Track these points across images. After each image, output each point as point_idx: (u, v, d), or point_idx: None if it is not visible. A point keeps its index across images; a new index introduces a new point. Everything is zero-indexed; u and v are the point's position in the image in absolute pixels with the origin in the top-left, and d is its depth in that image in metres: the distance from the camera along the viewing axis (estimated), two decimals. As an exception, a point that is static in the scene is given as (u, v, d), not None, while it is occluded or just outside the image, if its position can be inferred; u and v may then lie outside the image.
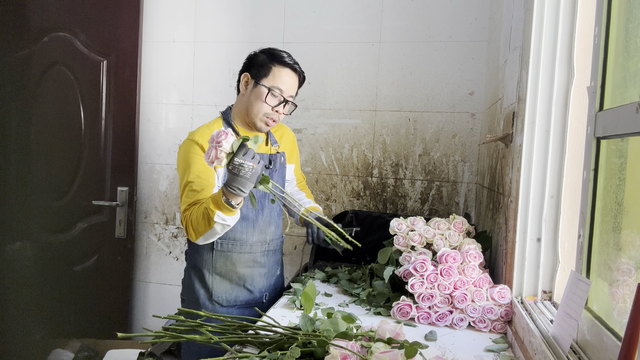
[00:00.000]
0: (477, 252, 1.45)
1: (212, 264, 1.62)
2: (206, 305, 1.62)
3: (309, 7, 2.39)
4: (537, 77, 1.28)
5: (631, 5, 0.91)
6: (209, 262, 1.62)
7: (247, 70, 1.60)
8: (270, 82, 1.55)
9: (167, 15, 2.55)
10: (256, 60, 1.60)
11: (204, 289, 1.63)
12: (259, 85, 1.56)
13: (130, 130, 2.52)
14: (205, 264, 1.63)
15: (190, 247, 1.67)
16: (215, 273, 1.63)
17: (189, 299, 1.66)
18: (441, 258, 1.42)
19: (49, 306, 2.60)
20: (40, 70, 2.55)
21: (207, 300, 1.63)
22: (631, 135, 0.84)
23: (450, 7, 2.24)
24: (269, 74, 1.56)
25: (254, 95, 1.57)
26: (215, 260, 1.62)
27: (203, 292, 1.63)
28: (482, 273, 1.41)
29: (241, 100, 1.62)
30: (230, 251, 1.62)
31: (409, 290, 1.39)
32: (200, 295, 1.63)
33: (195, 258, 1.65)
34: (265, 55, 1.60)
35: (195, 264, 1.65)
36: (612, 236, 0.93)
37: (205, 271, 1.63)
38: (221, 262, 1.62)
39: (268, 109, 1.56)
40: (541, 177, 1.28)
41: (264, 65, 1.57)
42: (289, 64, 1.58)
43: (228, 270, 1.63)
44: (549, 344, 1.01)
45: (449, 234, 1.55)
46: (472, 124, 2.26)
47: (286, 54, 1.60)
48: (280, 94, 1.56)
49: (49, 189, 2.58)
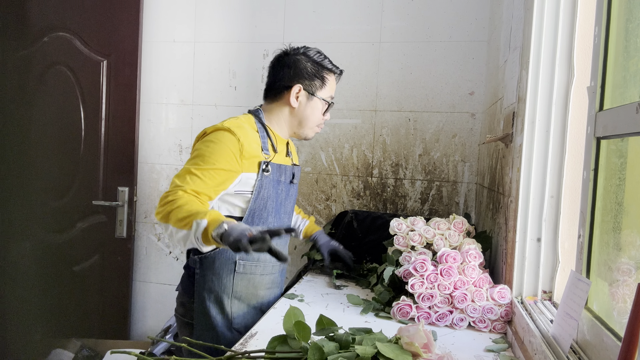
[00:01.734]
0: (477, 252, 1.45)
1: (232, 288, 1.46)
2: (225, 334, 1.45)
3: (309, 7, 2.39)
4: (537, 77, 1.28)
5: (631, 5, 0.91)
6: (229, 286, 1.46)
7: (299, 82, 1.51)
8: (327, 93, 1.54)
9: (167, 15, 2.55)
10: (306, 70, 1.51)
11: (222, 315, 1.46)
12: (315, 98, 1.52)
13: (130, 130, 2.52)
14: (224, 289, 1.46)
15: (204, 268, 1.47)
16: (234, 297, 1.47)
17: (204, 325, 1.47)
18: (441, 258, 1.42)
19: (49, 306, 2.60)
20: (40, 70, 2.55)
21: (226, 329, 1.46)
22: (631, 135, 0.84)
23: (450, 7, 2.24)
24: (324, 85, 1.53)
25: (310, 109, 1.52)
26: (236, 283, 1.46)
27: (221, 319, 1.46)
28: (482, 273, 1.41)
29: (287, 111, 1.53)
30: (252, 273, 1.48)
31: (409, 290, 1.39)
32: (218, 323, 1.46)
33: (211, 281, 1.46)
34: (309, 61, 1.52)
35: (211, 287, 1.46)
36: (612, 236, 0.93)
37: (224, 296, 1.46)
38: (242, 286, 1.47)
39: (321, 120, 1.56)
40: (541, 177, 1.28)
41: (317, 76, 1.52)
42: (336, 71, 1.56)
43: (249, 294, 1.49)
44: (549, 344, 1.01)
45: (449, 234, 1.55)
46: (472, 124, 2.26)
47: (324, 56, 1.56)
48: (332, 101, 1.57)
49: (49, 189, 2.58)
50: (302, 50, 1.55)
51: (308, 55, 1.53)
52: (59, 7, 2.51)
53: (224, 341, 1.43)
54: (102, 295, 2.56)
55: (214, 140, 1.37)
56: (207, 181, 1.33)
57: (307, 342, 0.95)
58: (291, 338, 0.97)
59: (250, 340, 1.23)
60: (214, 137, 1.38)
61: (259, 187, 1.44)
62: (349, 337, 0.97)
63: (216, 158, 1.34)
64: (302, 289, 1.70)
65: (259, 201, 1.45)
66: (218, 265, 1.46)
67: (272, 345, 0.99)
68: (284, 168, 1.53)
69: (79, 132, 2.53)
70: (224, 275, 1.46)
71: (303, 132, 1.56)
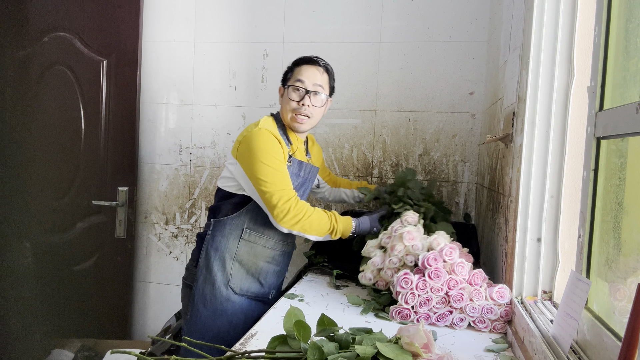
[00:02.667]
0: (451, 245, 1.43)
1: (235, 251, 1.65)
2: (221, 289, 1.65)
3: (309, 7, 2.39)
4: (537, 77, 1.28)
5: (631, 5, 0.91)
6: (233, 249, 1.65)
7: (281, 83, 1.75)
8: (292, 80, 1.68)
9: (167, 15, 2.55)
10: (285, 71, 1.73)
11: (222, 272, 1.65)
12: (285, 88, 1.70)
13: (130, 130, 2.52)
14: (228, 250, 1.65)
15: (216, 230, 1.67)
16: (236, 260, 1.66)
17: (205, 278, 1.66)
18: (423, 264, 1.41)
19: (49, 306, 2.60)
20: (40, 70, 2.55)
21: (222, 285, 1.65)
22: (631, 135, 0.84)
23: (450, 7, 2.24)
24: (291, 76, 1.69)
25: (284, 99, 1.69)
26: (239, 248, 1.66)
27: (220, 276, 1.65)
28: (475, 269, 1.41)
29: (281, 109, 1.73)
30: (255, 243, 1.67)
31: (403, 305, 1.39)
32: (217, 278, 1.65)
33: (219, 241, 1.66)
34: (291, 64, 1.73)
35: (218, 247, 1.66)
36: (612, 236, 0.93)
37: (227, 256, 1.65)
38: (244, 251, 1.66)
39: (294, 105, 1.65)
40: (541, 177, 1.28)
41: (289, 71, 1.71)
42: (306, 59, 1.68)
43: (249, 261, 1.67)
44: (549, 344, 1.01)
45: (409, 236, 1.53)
46: (472, 124, 2.26)
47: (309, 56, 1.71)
48: (302, 85, 1.64)
49: (49, 189, 2.58)
50: None
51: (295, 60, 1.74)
52: (59, 7, 2.51)
53: (219, 295, 1.64)
54: (102, 295, 2.56)
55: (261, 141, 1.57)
56: (282, 170, 1.57)
57: (307, 342, 0.95)
58: (291, 338, 0.96)
59: (250, 340, 1.23)
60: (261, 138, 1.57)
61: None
62: (349, 337, 0.97)
63: (274, 153, 1.56)
64: (302, 289, 1.70)
65: None
66: (228, 229, 1.66)
67: (272, 345, 0.98)
68: (304, 165, 1.71)
69: (79, 132, 2.53)
70: (231, 238, 1.66)
71: (286, 122, 1.70)
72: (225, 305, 1.64)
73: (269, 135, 1.58)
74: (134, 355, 0.90)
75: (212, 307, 1.63)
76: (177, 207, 2.61)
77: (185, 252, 2.62)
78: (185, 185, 2.59)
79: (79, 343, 2.44)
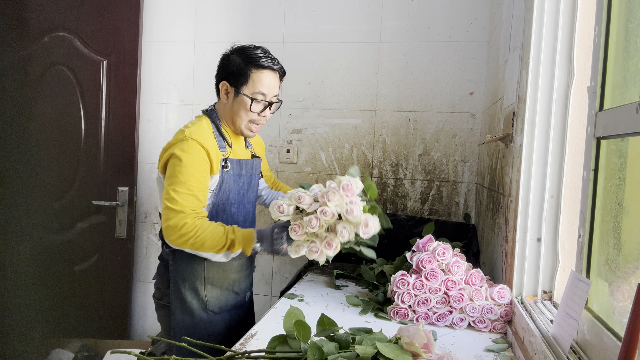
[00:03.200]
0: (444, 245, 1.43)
1: (204, 275, 1.55)
2: (201, 315, 1.55)
3: (309, 7, 2.39)
4: (537, 77, 1.28)
5: (631, 5, 0.91)
6: (201, 273, 1.54)
7: (225, 79, 1.53)
8: (251, 89, 1.50)
9: (167, 15, 2.55)
10: (232, 66, 1.52)
11: (197, 300, 1.55)
12: (240, 94, 1.50)
13: (130, 130, 2.52)
14: (196, 275, 1.54)
15: (176, 258, 1.55)
16: (207, 283, 1.56)
17: (182, 309, 1.56)
18: (417, 266, 1.41)
19: (49, 306, 2.60)
20: (40, 70, 2.55)
21: (202, 310, 1.56)
22: (631, 135, 0.84)
23: (450, 7, 2.24)
24: (248, 80, 1.50)
25: (237, 104, 1.52)
26: (207, 270, 1.55)
27: (196, 304, 1.55)
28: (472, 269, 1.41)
29: (224, 108, 1.56)
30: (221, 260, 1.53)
31: (400, 304, 1.39)
32: (194, 306, 1.55)
33: (183, 269, 1.55)
34: (239, 58, 1.52)
35: (184, 276, 1.55)
36: (612, 236, 0.93)
37: (198, 283, 1.55)
38: (213, 272, 1.56)
39: (254, 116, 1.53)
40: (541, 177, 1.28)
41: (241, 72, 1.50)
42: (266, 65, 1.50)
43: (220, 278, 1.58)
44: (549, 344, 1.01)
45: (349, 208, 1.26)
46: (472, 124, 2.26)
47: (261, 52, 1.52)
48: (264, 98, 1.51)
49: (49, 189, 2.58)
50: (238, 48, 1.56)
51: (242, 52, 1.53)
52: (59, 7, 2.51)
53: (200, 322, 1.56)
54: (102, 295, 2.56)
55: (183, 152, 1.42)
56: (197, 194, 1.41)
57: (307, 342, 0.95)
58: (291, 338, 0.96)
59: (250, 340, 1.23)
60: (183, 149, 1.42)
61: (220, 183, 1.51)
62: (349, 337, 0.97)
63: (193, 170, 1.41)
64: (302, 289, 1.70)
65: (221, 195, 1.52)
66: (188, 255, 1.50)
67: (272, 345, 0.98)
68: (244, 162, 1.58)
69: (79, 132, 2.53)
70: (195, 264, 1.54)
71: (237, 128, 1.56)
72: (209, 329, 1.56)
73: (195, 147, 1.42)
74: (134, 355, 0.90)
75: (198, 334, 1.54)
76: (177, 207, 2.61)
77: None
78: (185, 185, 2.59)
79: (79, 343, 2.44)
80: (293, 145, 2.44)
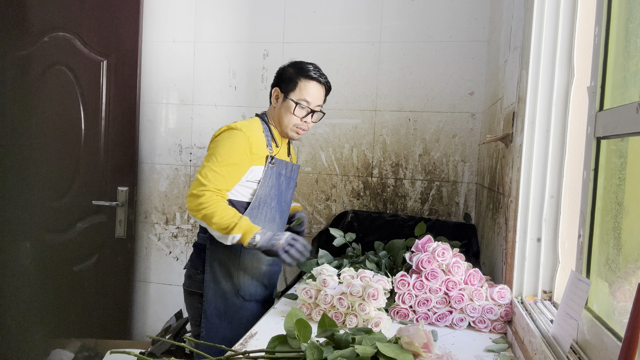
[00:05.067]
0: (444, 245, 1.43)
1: (239, 261, 1.68)
2: (233, 299, 1.68)
3: (309, 7, 2.39)
4: (537, 77, 1.28)
5: (631, 5, 0.91)
6: (236, 259, 1.67)
7: (277, 85, 1.72)
8: (297, 95, 1.67)
9: (167, 15, 2.55)
10: (285, 75, 1.71)
11: (230, 283, 1.68)
12: (287, 99, 1.68)
13: (130, 130, 2.52)
14: (232, 261, 1.67)
15: (213, 243, 1.65)
16: (241, 269, 1.68)
17: (215, 292, 1.68)
18: (417, 266, 1.41)
19: (49, 306, 2.60)
20: (40, 70, 2.55)
21: (233, 295, 1.68)
22: (631, 135, 0.84)
23: (450, 7, 2.24)
24: (295, 88, 1.68)
25: (284, 109, 1.69)
26: (242, 256, 1.68)
27: (230, 287, 1.68)
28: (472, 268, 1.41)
29: (274, 111, 1.73)
30: None
31: (400, 305, 1.39)
32: (227, 289, 1.68)
33: (219, 253, 1.67)
34: (292, 69, 1.70)
35: (221, 260, 1.68)
36: (612, 236, 0.93)
37: (232, 267, 1.67)
38: (248, 259, 1.68)
39: (297, 120, 1.68)
40: (541, 177, 1.28)
41: (291, 80, 1.68)
42: (314, 77, 1.68)
43: (253, 267, 1.70)
44: (549, 344, 1.01)
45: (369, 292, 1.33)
46: (472, 124, 2.26)
47: (312, 67, 1.70)
48: (307, 105, 1.67)
49: (49, 189, 2.58)
50: (294, 62, 1.73)
51: (296, 65, 1.71)
52: (59, 7, 2.51)
53: (232, 306, 1.68)
54: (102, 295, 2.56)
55: (227, 138, 1.60)
56: (226, 177, 1.58)
57: (307, 342, 0.95)
58: (291, 338, 0.96)
59: (250, 340, 1.23)
60: (227, 136, 1.61)
61: (264, 177, 1.66)
62: (349, 337, 0.97)
63: (231, 154, 1.58)
64: (302, 289, 1.69)
65: (265, 188, 1.66)
66: None
67: (272, 345, 0.98)
68: (286, 163, 1.74)
69: (79, 132, 2.53)
70: (233, 249, 1.66)
71: (284, 130, 1.72)
72: (240, 313, 1.68)
73: (240, 135, 1.60)
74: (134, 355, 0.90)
75: (228, 317, 1.67)
76: (177, 207, 2.61)
77: (185, 252, 2.62)
78: (185, 185, 2.59)
79: (79, 343, 2.44)
80: (293, 145, 2.44)
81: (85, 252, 2.56)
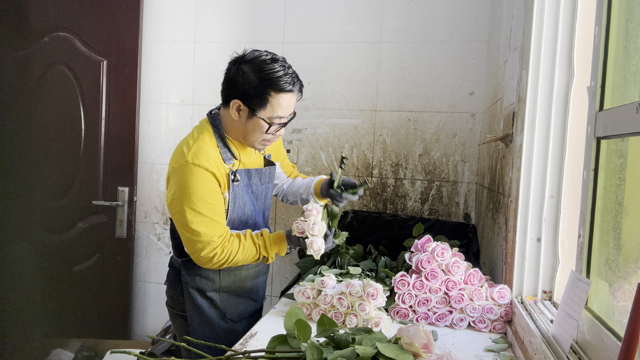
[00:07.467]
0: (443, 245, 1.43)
1: (219, 284, 1.52)
2: (221, 325, 1.52)
3: (309, 7, 2.39)
4: (537, 77, 1.28)
5: (631, 5, 0.91)
6: (216, 282, 1.51)
7: (238, 97, 1.37)
8: (269, 113, 1.37)
9: (167, 15, 2.55)
10: (245, 84, 1.35)
11: (214, 309, 1.52)
12: (255, 116, 1.37)
13: (130, 130, 2.52)
14: (212, 286, 1.51)
15: (189, 269, 1.51)
16: (223, 292, 1.53)
17: (199, 320, 1.53)
18: (417, 266, 1.41)
19: (49, 306, 2.60)
20: (41, 70, 2.55)
21: (221, 320, 1.53)
22: (631, 135, 0.84)
23: (450, 7, 2.24)
24: (266, 104, 1.36)
25: (252, 125, 1.40)
26: (222, 279, 1.52)
27: (214, 313, 1.52)
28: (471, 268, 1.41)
29: (234, 124, 1.43)
30: (237, 269, 1.54)
31: (400, 304, 1.39)
32: (212, 316, 1.52)
33: (198, 281, 1.51)
34: (254, 75, 1.35)
35: (199, 286, 1.52)
36: (612, 236, 0.93)
37: (213, 292, 1.52)
38: (229, 281, 1.53)
39: (269, 136, 1.43)
40: (541, 177, 1.28)
41: (259, 94, 1.35)
42: (287, 90, 1.36)
43: (236, 287, 1.55)
44: (549, 344, 1.01)
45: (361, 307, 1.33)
46: (472, 124, 2.26)
47: (280, 69, 1.36)
48: (281, 120, 1.41)
49: (49, 189, 2.58)
50: (253, 57, 1.38)
51: (258, 69, 1.35)
52: (59, 7, 2.51)
53: (220, 331, 1.52)
54: (102, 295, 2.56)
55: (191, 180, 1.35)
56: (215, 218, 1.38)
57: (307, 341, 0.95)
58: (291, 337, 0.96)
59: (250, 340, 1.23)
60: (189, 177, 1.35)
61: (233, 198, 1.44)
62: (349, 337, 0.97)
63: (204, 195, 1.36)
64: (302, 289, 1.69)
65: (237, 210, 1.47)
66: None
67: (272, 345, 0.98)
68: (254, 172, 1.52)
69: (79, 132, 2.53)
70: (210, 274, 1.51)
71: (249, 144, 1.47)
72: (230, 337, 1.50)
73: (199, 172, 1.34)
74: (134, 355, 0.90)
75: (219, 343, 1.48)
76: (177, 207, 2.61)
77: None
78: (185, 185, 2.59)
79: (79, 343, 2.44)
80: (293, 145, 2.45)
81: (86, 252, 2.56)
